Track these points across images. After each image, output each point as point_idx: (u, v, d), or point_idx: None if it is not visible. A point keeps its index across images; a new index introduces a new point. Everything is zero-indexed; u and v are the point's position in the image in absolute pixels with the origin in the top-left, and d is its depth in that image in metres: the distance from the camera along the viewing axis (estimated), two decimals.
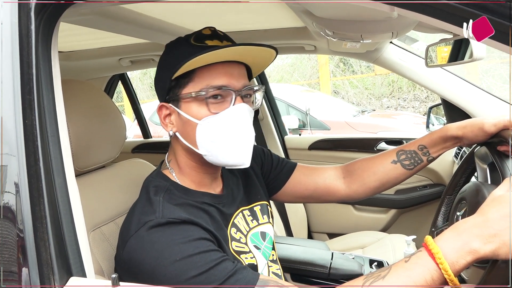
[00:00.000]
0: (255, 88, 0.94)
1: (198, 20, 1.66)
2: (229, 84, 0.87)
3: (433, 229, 1.13)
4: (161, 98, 0.94)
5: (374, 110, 7.04)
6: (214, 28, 0.94)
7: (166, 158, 1.01)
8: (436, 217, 1.14)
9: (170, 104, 0.92)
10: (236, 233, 0.97)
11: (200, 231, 0.82)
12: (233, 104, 0.87)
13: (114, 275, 0.59)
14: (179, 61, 0.85)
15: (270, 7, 1.50)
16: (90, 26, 1.39)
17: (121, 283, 0.60)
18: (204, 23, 0.97)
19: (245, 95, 0.91)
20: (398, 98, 9.58)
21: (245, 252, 0.96)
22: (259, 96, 0.97)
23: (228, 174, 1.07)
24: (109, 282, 0.64)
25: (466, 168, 1.10)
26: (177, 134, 0.92)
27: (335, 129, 5.14)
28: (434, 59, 1.50)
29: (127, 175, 1.25)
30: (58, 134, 0.72)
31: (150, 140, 2.81)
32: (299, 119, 5.17)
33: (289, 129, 4.73)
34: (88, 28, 1.43)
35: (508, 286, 0.64)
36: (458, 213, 0.95)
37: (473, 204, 0.88)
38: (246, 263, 0.94)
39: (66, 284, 0.61)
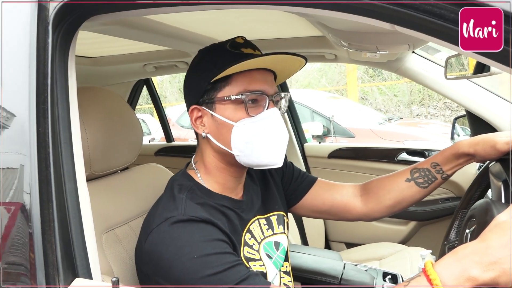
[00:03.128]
0: (282, 95, 1.00)
1: (218, 28, 1.69)
2: (264, 89, 0.93)
3: (445, 243, 1.11)
4: (193, 101, 0.98)
5: (401, 118, 6.91)
6: (245, 37, 1.00)
7: (192, 159, 1.05)
8: (449, 231, 1.12)
9: (203, 107, 0.96)
10: (250, 239, 0.99)
11: (218, 232, 0.86)
12: (267, 108, 0.93)
13: (114, 278, 0.62)
14: (220, 66, 0.90)
15: (288, 17, 1.52)
16: (113, 35, 1.45)
17: (121, 285, 0.63)
18: (224, 32, 1.02)
19: (276, 101, 0.97)
20: (428, 106, 9.36)
21: (255, 260, 0.98)
22: (284, 102, 1.02)
23: (249, 182, 1.10)
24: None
25: (481, 183, 1.07)
26: (209, 135, 0.96)
27: (360, 136, 5.07)
28: (453, 71, 1.47)
29: (143, 179, 1.29)
30: (71, 142, 0.76)
31: (172, 143, 2.86)
32: (323, 126, 5.14)
33: (313, 135, 4.72)
34: None
35: (500, 284, 0.63)
36: (467, 231, 0.93)
37: (482, 223, 0.85)
38: (254, 271, 0.95)
39: (71, 285, 0.65)
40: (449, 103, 8.98)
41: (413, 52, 1.94)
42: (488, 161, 1.06)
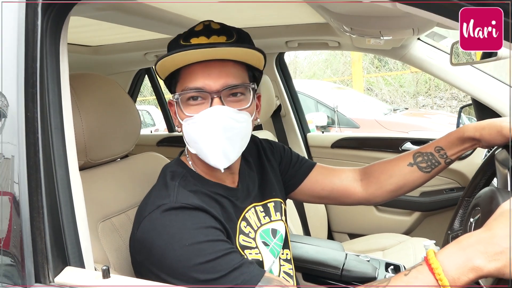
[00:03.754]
0: (233, 85, 0.87)
1: (219, 15, 1.66)
2: (204, 85, 0.86)
3: (449, 232, 1.09)
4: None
5: (407, 108, 6.84)
6: (210, 22, 0.92)
7: (186, 147, 1.02)
8: (453, 220, 1.09)
9: (174, 101, 0.93)
10: (245, 227, 0.98)
11: (211, 220, 0.84)
12: (210, 106, 0.87)
13: (104, 267, 0.60)
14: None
15: (290, 3, 1.48)
16: (111, 22, 1.42)
17: (111, 275, 0.62)
18: (224, 19, 0.97)
19: (231, 95, 0.89)
20: (435, 97, 9.26)
21: (251, 248, 0.96)
22: (250, 93, 0.92)
23: (246, 168, 1.07)
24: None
25: (487, 171, 1.05)
26: (180, 131, 0.94)
27: (365, 127, 5.03)
28: (459, 57, 1.43)
29: (141, 168, 1.28)
30: (62, 127, 0.74)
31: (175, 133, 2.85)
32: (328, 116, 5.10)
33: (317, 126, 4.69)
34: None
35: (508, 286, 0.61)
36: (471, 220, 0.90)
37: (487, 212, 0.83)
38: (250, 259, 0.94)
39: (60, 274, 0.63)
40: (455, 94, 8.88)
41: (418, 39, 1.90)
42: (494, 148, 1.03)
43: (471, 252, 0.63)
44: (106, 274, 0.60)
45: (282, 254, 1.07)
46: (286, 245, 1.09)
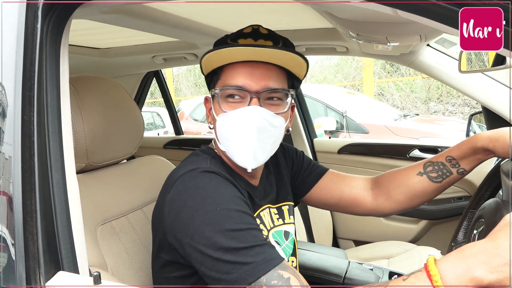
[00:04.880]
0: (273, 89, 0.88)
1: (226, 20, 1.65)
2: (245, 84, 0.87)
3: (452, 244, 1.07)
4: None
5: (418, 114, 6.76)
6: (259, 26, 0.94)
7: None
8: (457, 232, 1.07)
9: (211, 98, 0.95)
10: (259, 225, 0.97)
11: (241, 195, 0.85)
12: (248, 105, 0.87)
13: (95, 273, 0.60)
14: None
15: (297, 7, 1.47)
16: (118, 25, 1.42)
17: (102, 281, 0.61)
18: (231, 23, 0.97)
19: (269, 98, 0.89)
20: (447, 103, 9.15)
21: None
22: (288, 99, 0.93)
23: (265, 171, 1.07)
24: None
25: (492, 182, 1.02)
26: (212, 127, 0.95)
27: (374, 133, 4.98)
28: (468, 65, 1.40)
29: (144, 171, 1.27)
30: (60, 131, 0.74)
31: (181, 136, 2.85)
32: (337, 121, 5.07)
33: (325, 130, 4.66)
34: None
35: (508, 285, 0.59)
36: (475, 231, 0.88)
37: (490, 224, 0.81)
38: None
39: (52, 278, 0.63)
40: (467, 100, 8.76)
41: (428, 45, 1.87)
42: (499, 160, 1.00)
43: (472, 262, 0.61)
44: (97, 280, 0.59)
45: (288, 261, 1.06)
46: (293, 253, 1.08)
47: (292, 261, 1.06)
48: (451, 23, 0.54)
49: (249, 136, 0.86)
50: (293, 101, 0.99)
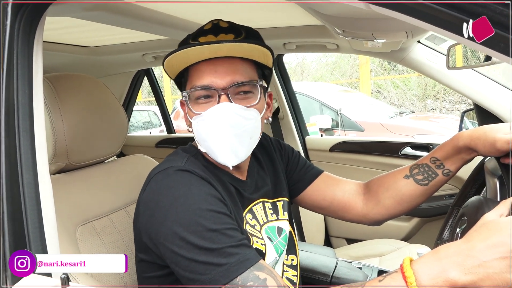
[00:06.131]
0: (240, 82, 0.86)
1: (212, 16, 1.63)
2: (210, 83, 0.86)
3: (438, 241, 1.06)
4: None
5: (413, 112, 6.77)
6: (219, 20, 0.92)
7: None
8: (442, 229, 1.06)
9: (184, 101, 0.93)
10: (251, 220, 0.96)
11: (216, 192, 0.83)
12: (218, 103, 0.85)
13: (63, 275, 0.58)
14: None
15: (286, 5, 1.46)
16: (101, 22, 1.41)
17: (70, 283, 0.60)
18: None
19: (238, 92, 0.88)
20: (443, 100, 9.16)
21: (258, 237, 0.95)
22: (257, 90, 0.90)
23: (255, 165, 1.06)
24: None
25: (477, 180, 1.01)
26: (191, 130, 0.93)
27: (370, 130, 4.98)
28: (455, 61, 1.39)
29: (128, 171, 1.26)
30: (32, 131, 0.73)
31: (173, 135, 2.85)
32: (332, 119, 5.06)
33: (320, 128, 4.65)
34: None
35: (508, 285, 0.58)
36: (458, 229, 0.87)
37: (472, 221, 0.79)
38: (254, 247, 0.91)
39: (19, 281, 0.61)
40: (464, 97, 8.76)
41: (418, 42, 1.86)
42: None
43: (446, 264, 0.61)
44: (64, 282, 0.58)
45: (287, 259, 1.06)
46: (292, 251, 1.07)
47: (292, 260, 1.06)
48: (430, 20, 0.52)
49: (224, 135, 0.85)
50: (269, 90, 0.98)
